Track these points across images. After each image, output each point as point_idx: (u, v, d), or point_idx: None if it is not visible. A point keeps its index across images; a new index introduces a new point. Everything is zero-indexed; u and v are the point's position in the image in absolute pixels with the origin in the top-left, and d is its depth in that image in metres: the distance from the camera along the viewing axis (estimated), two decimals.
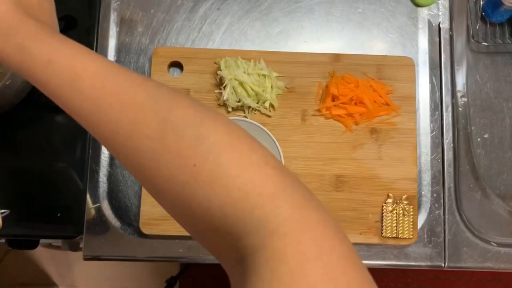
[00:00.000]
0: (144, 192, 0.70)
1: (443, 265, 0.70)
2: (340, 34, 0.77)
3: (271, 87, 0.71)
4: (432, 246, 0.70)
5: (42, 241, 0.85)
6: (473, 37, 0.79)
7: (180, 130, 0.33)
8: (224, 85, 0.70)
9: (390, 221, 0.69)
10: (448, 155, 0.73)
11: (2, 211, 0.62)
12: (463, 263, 0.70)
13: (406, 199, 0.70)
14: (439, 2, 0.78)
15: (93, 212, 0.71)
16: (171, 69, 0.75)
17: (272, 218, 0.30)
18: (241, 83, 0.70)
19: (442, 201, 0.72)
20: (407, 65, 0.73)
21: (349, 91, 0.70)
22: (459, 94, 0.75)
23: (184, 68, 0.73)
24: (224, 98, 0.70)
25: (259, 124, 0.66)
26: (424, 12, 0.77)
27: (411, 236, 0.69)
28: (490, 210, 0.72)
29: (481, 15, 0.80)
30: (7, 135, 0.74)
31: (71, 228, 0.71)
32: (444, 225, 0.71)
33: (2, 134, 0.74)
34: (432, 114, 0.74)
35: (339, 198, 0.70)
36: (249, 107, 0.71)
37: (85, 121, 0.36)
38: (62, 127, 0.74)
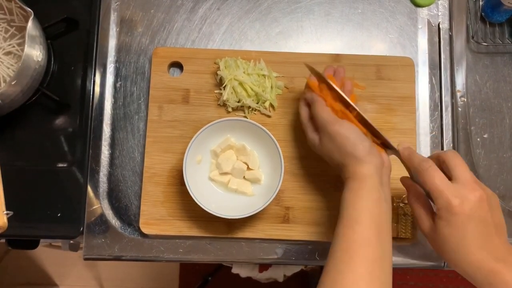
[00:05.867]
0: (144, 192, 0.70)
1: (442, 265, 0.70)
2: (339, 35, 0.77)
3: (271, 87, 0.72)
4: None
5: (42, 241, 0.86)
6: (472, 37, 0.79)
7: None
8: (224, 85, 0.70)
9: None
10: None
11: (6, 212, 0.62)
12: None
13: (406, 199, 0.70)
14: (439, 2, 0.78)
15: (93, 212, 0.71)
16: (171, 69, 0.75)
17: None
18: (241, 83, 0.70)
19: None
20: (407, 65, 0.74)
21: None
22: (458, 94, 0.75)
23: (184, 68, 0.73)
24: (224, 98, 0.70)
25: (259, 124, 0.66)
26: (423, 12, 0.77)
27: (411, 236, 0.69)
28: None
29: (481, 15, 0.80)
30: (7, 135, 0.74)
31: (71, 228, 0.71)
32: None
33: (3, 134, 0.74)
34: (431, 114, 0.74)
35: (339, 198, 0.70)
36: (249, 107, 0.72)
37: None
38: (63, 128, 0.74)
